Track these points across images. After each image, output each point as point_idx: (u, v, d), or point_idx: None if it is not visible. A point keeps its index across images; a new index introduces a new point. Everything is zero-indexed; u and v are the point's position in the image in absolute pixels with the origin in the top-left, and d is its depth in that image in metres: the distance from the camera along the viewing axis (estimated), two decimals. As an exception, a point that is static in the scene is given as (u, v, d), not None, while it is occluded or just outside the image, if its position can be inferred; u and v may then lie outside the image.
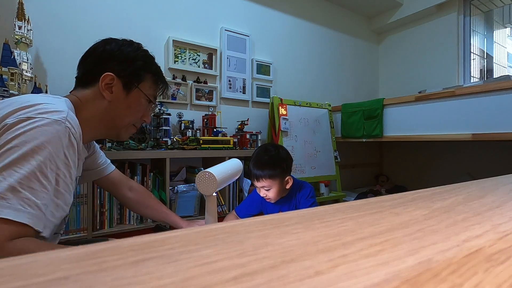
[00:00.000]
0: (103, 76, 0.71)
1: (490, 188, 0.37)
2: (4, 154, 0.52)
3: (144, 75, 0.77)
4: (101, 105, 0.72)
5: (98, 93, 0.72)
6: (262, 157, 1.14)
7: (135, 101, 0.76)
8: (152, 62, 0.80)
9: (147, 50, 0.80)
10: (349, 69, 2.85)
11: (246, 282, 0.12)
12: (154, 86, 0.80)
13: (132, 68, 0.75)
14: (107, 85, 0.72)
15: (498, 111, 1.43)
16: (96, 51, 0.74)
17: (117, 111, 0.75)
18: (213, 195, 0.87)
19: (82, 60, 0.75)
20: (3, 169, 0.51)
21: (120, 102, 0.74)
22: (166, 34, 1.83)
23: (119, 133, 0.79)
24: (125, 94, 0.74)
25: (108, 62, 0.72)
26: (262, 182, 1.13)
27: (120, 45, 0.75)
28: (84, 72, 0.74)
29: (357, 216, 0.23)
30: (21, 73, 1.26)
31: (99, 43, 0.75)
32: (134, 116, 0.79)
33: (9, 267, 0.12)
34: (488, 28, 2.66)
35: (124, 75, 0.73)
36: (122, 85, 0.73)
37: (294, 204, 1.23)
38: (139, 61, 0.76)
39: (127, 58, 0.74)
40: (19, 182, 0.51)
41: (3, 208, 0.49)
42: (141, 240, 0.16)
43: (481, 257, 0.15)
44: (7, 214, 0.49)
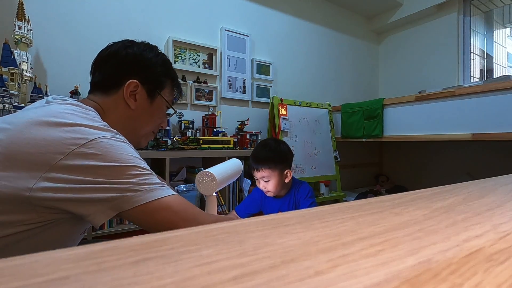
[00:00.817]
0: (128, 83, 0.67)
1: (490, 188, 0.37)
2: (114, 170, 0.54)
3: (165, 81, 0.75)
4: (124, 113, 0.69)
5: (121, 101, 0.68)
6: (262, 149, 1.17)
7: (157, 108, 0.74)
8: (170, 67, 0.78)
9: (164, 54, 0.78)
10: (349, 69, 2.85)
11: (246, 282, 0.12)
12: (172, 92, 0.79)
13: (155, 75, 0.72)
14: (131, 92, 0.68)
15: (498, 111, 1.43)
16: (118, 55, 0.69)
17: (140, 119, 0.72)
18: (213, 195, 0.87)
19: (100, 63, 0.71)
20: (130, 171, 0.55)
21: (144, 110, 0.72)
22: (166, 34, 1.83)
23: (139, 141, 0.77)
24: (149, 102, 0.72)
25: (131, 68, 0.69)
26: (261, 172, 1.13)
27: (142, 50, 0.72)
28: (105, 78, 0.70)
29: (357, 216, 0.23)
30: (21, 73, 1.26)
31: (119, 46, 0.71)
32: (155, 124, 0.77)
33: (9, 267, 0.12)
34: (488, 28, 2.66)
35: (148, 82, 0.70)
36: (146, 92, 0.71)
37: (293, 204, 1.23)
38: (161, 67, 0.73)
39: (150, 64, 0.71)
40: (145, 176, 0.56)
41: (162, 190, 0.57)
42: (141, 240, 0.16)
43: (481, 257, 0.15)
44: (166, 192, 0.57)
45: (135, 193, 0.54)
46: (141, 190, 0.55)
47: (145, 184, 0.55)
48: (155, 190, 0.56)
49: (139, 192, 0.54)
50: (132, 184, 0.54)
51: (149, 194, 0.55)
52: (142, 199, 0.54)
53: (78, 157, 0.51)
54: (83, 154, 0.52)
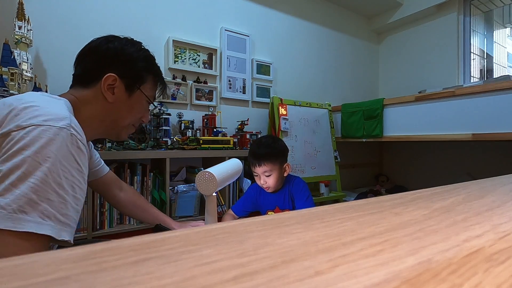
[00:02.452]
0: (105, 77, 0.68)
1: (490, 188, 0.37)
2: (14, 167, 0.48)
3: (146, 76, 0.76)
4: (102, 107, 0.70)
5: (100, 94, 0.69)
6: (261, 144, 1.20)
7: (136, 102, 0.75)
8: (153, 62, 0.79)
9: (148, 49, 0.79)
10: (349, 69, 2.85)
11: (246, 282, 0.12)
12: (154, 87, 0.80)
13: (135, 70, 0.73)
14: (109, 86, 0.70)
15: (498, 111, 1.43)
16: (98, 49, 0.71)
17: (119, 112, 0.73)
18: (213, 195, 0.87)
19: (82, 56, 0.72)
20: (17, 181, 0.48)
21: (122, 104, 0.73)
22: (166, 34, 1.83)
23: (119, 133, 0.78)
24: (127, 96, 0.73)
25: (110, 62, 0.70)
26: (263, 166, 1.15)
27: (123, 44, 0.73)
28: (85, 71, 0.71)
29: (357, 216, 0.23)
30: (21, 73, 1.26)
31: (101, 41, 0.73)
32: (135, 117, 0.78)
33: (9, 267, 0.12)
34: (488, 28, 2.66)
35: (127, 76, 0.72)
36: (125, 86, 0.72)
37: (289, 197, 1.25)
38: (142, 62, 0.74)
39: (130, 58, 0.73)
40: (36, 194, 0.49)
41: (25, 222, 0.47)
42: (141, 240, 0.16)
43: (481, 257, 0.15)
44: (30, 227, 0.47)
45: None
46: None
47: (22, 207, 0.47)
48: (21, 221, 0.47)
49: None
50: None
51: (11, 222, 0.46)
52: None
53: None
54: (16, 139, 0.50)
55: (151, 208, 1.04)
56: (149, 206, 1.04)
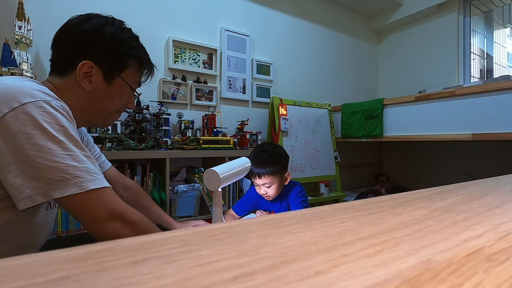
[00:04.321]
0: (80, 65, 0.63)
1: (490, 188, 0.37)
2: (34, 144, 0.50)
3: (127, 61, 0.69)
4: (80, 96, 0.65)
5: (76, 82, 0.64)
6: (262, 155, 1.17)
7: (118, 90, 0.69)
8: (136, 45, 0.72)
9: (131, 29, 0.72)
10: (349, 69, 2.85)
11: (246, 282, 0.12)
12: (138, 72, 0.73)
13: (114, 55, 0.67)
14: (85, 74, 0.64)
15: (498, 111, 1.43)
16: (73, 33, 0.65)
17: (98, 101, 0.68)
18: (218, 191, 0.93)
19: (56, 41, 0.66)
20: (52, 154, 0.51)
21: (101, 92, 0.67)
22: (166, 34, 1.83)
23: (103, 121, 0.74)
24: (106, 84, 0.67)
25: (86, 48, 0.64)
26: (263, 179, 1.15)
27: (100, 26, 0.66)
28: (60, 58, 0.66)
29: (357, 216, 0.23)
30: (21, 73, 1.26)
31: (75, 23, 0.66)
32: (117, 105, 0.72)
33: (9, 267, 0.12)
34: (488, 28, 2.66)
35: (105, 63, 0.65)
36: (103, 74, 0.66)
37: (286, 204, 1.25)
38: (122, 46, 0.68)
39: (108, 42, 0.66)
40: (76, 160, 0.53)
41: (83, 183, 0.52)
42: (141, 240, 0.16)
43: (481, 257, 0.15)
44: (88, 186, 0.53)
45: (68, 181, 0.51)
46: (71, 179, 0.51)
47: (75, 171, 0.52)
48: (88, 181, 0.53)
49: (70, 182, 0.51)
50: (60, 172, 0.51)
51: (82, 184, 0.52)
52: (72, 189, 0.51)
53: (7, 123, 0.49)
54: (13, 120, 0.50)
55: (155, 208, 1.00)
56: (153, 206, 1.00)
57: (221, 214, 0.94)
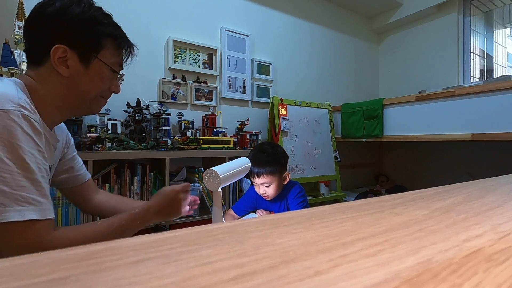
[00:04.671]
0: (53, 49, 0.59)
1: (490, 188, 0.37)
2: None
3: (102, 41, 0.65)
4: (59, 83, 0.62)
5: (52, 69, 0.61)
6: (261, 155, 1.17)
7: (97, 73, 0.66)
8: (109, 23, 0.68)
9: (101, 7, 0.68)
10: (349, 69, 2.85)
11: (246, 282, 0.12)
12: (117, 52, 0.69)
13: (86, 36, 0.63)
14: (60, 59, 0.61)
15: (498, 111, 1.43)
16: (39, 17, 0.61)
17: (79, 86, 0.64)
18: (218, 191, 0.93)
19: (26, 28, 0.62)
20: None
21: (80, 77, 0.64)
22: (166, 34, 1.83)
23: (89, 108, 0.70)
24: (84, 67, 0.63)
25: (56, 31, 0.60)
26: (262, 178, 1.15)
27: (66, 6, 0.61)
28: (31, 45, 0.62)
29: (357, 216, 0.23)
30: (21, 73, 1.26)
31: (42, 4, 0.61)
32: (100, 88, 0.68)
33: (9, 267, 0.12)
34: (488, 28, 2.66)
35: (78, 45, 0.62)
36: (78, 57, 0.62)
37: (285, 205, 1.25)
38: (93, 25, 0.64)
39: (77, 23, 0.62)
40: (7, 185, 0.49)
41: (6, 213, 0.48)
42: (141, 240, 0.16)
43: (481, 257, 0.15)
44: (12, 217, 0.48)
45: None
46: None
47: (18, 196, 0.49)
48: (12, 211, 0.49)
49: None
50: None
51: (3, 213, 0.48)
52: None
53: None
54: None
55: (125, 198, 0.96)
56: (124, 198, 0.96)
57: (221, 214, 0.94)
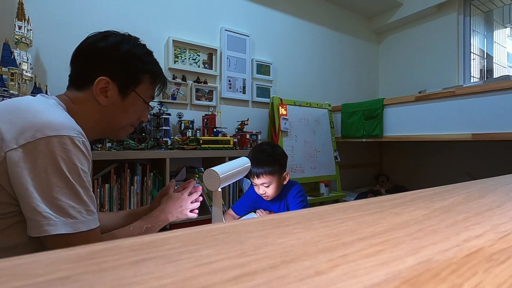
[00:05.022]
0: (97, 80, 0.66)
1: (490, 188, 0.37)
2: (46, 178, 0.52)
3: (141, 76, 0.72)
4: (96, 109, 0.68)
5: (92, 97, 0.67)
6: (260, 155, 1.17)
7: (131, 104, 0.72)
8: (150, 60, 0.75)
9: (145, 45, 0.75)
10: (349, 69, 2.85)
11: (246, 282, 0.12)
12: (152, 86, 0.76)
13: (129, 71, 0.70)
14: (101, 89, 0.67)
15: (498, 111, 1.43)
16: (90, 50, 0.68)
17: (113, 115, 0.71)
18: (218, 191, 0.93)
19: (75, 57, 0.70)
20: (57, 191, 0.53)
21: (116, 107, 0.70)
22: (166, 34, 1.83)
23: (117, 134, 0.76)
24: (121, 99, 0.70)
25: (103, 64, 0.67)
26: (262, 178, 1.15)
27: (117, 43, 0.69)
28: (77, 73, 0.69)
29: (357, 216, 0.23)
30: (21, 73, 1.26)
31: (93, 40, 0.69)
32: (131, 119, 0.75)
33: (9, 267, 0.12)
34: (488, 28, 2.66)
35: (120, 78, 0.68)
36: (118, 89, 0.69)
37: (285, 204, 1.25)
38: (137, 62, 0.71)
39: (124, 59, 0.69)
40: (74, 201, 0.55)
41: (76, 224, 0.55)
42: (141, 240, 0.16)
43: (481, 257, 0.15)
44: (79, 228, 0.55)
45: (64, 220, 0.53)
46: (68, 219, 0.53)
47: (73, 212, 0.55)
48: (80, 222, 0.55)
49: (66, 221, 0.53)
50: (60, 210, 0.53)
51: (75, 225, 0.54)
52: (66, 228, 0.53)
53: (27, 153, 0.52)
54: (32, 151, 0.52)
55: (126, 211, 0.97)
56: (124, 211, 0.97)
57: (221, 214, 0.94)
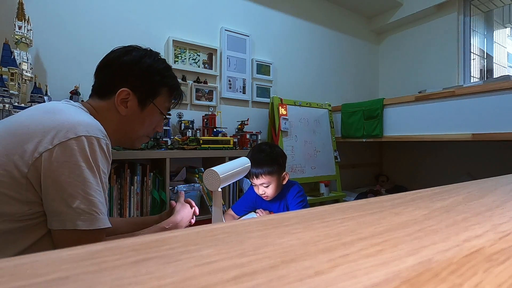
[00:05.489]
0: (119, 91, 0.71)
1: (490, 188, 0.37)
2: (72, 173, 0.56)
3: (160, 89, 0.77)
4: (115, 118, 0.73)
5: (113, 106, 0.72)
6: (259, 155, 1.17)
7: (149, 115, 0.77)
8: (169, 74, 0.80)
9: (165, 59, 0.80)
10: (349, 69, 2.85)
11: (246, 282, 0.12)
12: (169, 99, 0.82)
13: (149, 84, 0.75)
14: (122, 100, 0.72)
15: (498, 111, 1.43)
16: (114, 64, 0.73)
17: (131, 124, 0.76)
18: (218, 191, 0.93)
19: (99, 70, 0.74)
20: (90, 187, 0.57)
21: (135, 117, 0.75)
22: (166, 34, 1.82)
23: (132, 143, 0.81)
24: (140, 110, 0.75)
25: (125, 77, 0.72)
26: (261, 179, 1.15)
27: (139, 58, 0.74)
28: (101, 84, 0.74)
29: (357, 216, 0.23)
30: (21, 73, 1.26)
31: (117, 54, 0.74)
32: (148, 129, 0.80)
33: (9, 267, 0.12)
34: (488, 28, 2.66)
35: (140, 90, 0.73)
36: (138, 100, 0.74)
37: (285, 204, 1.25)
38: (157, 75, 0.75)
39: (145, 72, 0.74)
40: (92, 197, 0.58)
41: (97, 221, 0.58)
42: (141, 240, 0.16)
43: (481, 257, 0.15)
44: (100, 225, 0.58)
45: (95, 216, 0.57)
46: (98, 214, 0.58)
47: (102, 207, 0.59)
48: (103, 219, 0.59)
49: (98, 217, 0.58)
50: (92, 205, 0.57)
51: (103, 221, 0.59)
52: (97, 224, 0.57)
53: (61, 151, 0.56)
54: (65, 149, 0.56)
55: (133, 218, 1.02)
56: (130, 219, 1.01)
57: (221, 214, 0.94)
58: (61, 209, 0.55)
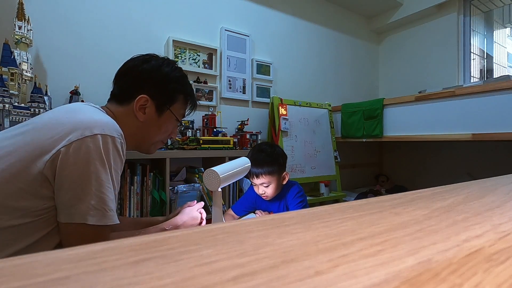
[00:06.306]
0: (138, 98, 0.74)
1: (490, 188, 0.37)
2: (85, 170, 0.58)
3: (176, 96, 0.80)
4: (133, 124, 0.75)
5: (132, 112, 0.75)
6: (259, 155, 1.17)
7: (166, 122, 0.80)
8: (185, 82, 0.83)
9: (181, 68, 0.84)
10: (349, 69, 2.85)
11: (246, 282, 0.12)
12: (184, 106, 0.84)
13: (167, 91, 0.78)
14: (141, 106, 0.75)
15: (498, 111, 1.43)
16: (134, 71, 0.76)
17: (148, 130, 0.78)
18: (218, 191, 0.93)
19: (119, 77, 0.77)
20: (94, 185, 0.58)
21: (152, 123, 0.77)
22: (166, 34, 1.82)
23: (148, 149, 0.83)
24: (157, 116, 0.78)
25: (144, 84, 0.75)
26: (261, 179, 1.16)
27: (158, 66, 0.77)
28: (120, 91, 0.77)
29: (357, 216, 0.23)
30: (21, 73, 1.26)
31: (137, 62, 0.77)
32: (163, 135, 0.83)
33: (9, 267, 0.12)
34: (488, 28, 2.66)
35: (158, 97, 0.76)
36: (155, 107, 0.76)
37: (284, 204, 1.25)
38: (174, 83, 0.79)
39: (163, 80, 0.77)
40: (103, 194, 0.60)
41: (105, 217, 0.60)
42: (141, 240, 0.16)
43: (481, 257, 0.15)
44: (108, 221, 0.60)
45: (104, 212, 0.60)
46: (107, 211, 0.60)
47: (111, 204, 0.61)
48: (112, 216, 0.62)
49: (106, 214, 0.60)
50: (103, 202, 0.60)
51: (113, 218, 0.61)
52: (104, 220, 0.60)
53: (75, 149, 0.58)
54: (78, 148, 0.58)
55: (138, 218, 1.03)
56: (136, 218, 1.03)
57: (221, 214, 0.94)
58: (72, 203, 0.57)
